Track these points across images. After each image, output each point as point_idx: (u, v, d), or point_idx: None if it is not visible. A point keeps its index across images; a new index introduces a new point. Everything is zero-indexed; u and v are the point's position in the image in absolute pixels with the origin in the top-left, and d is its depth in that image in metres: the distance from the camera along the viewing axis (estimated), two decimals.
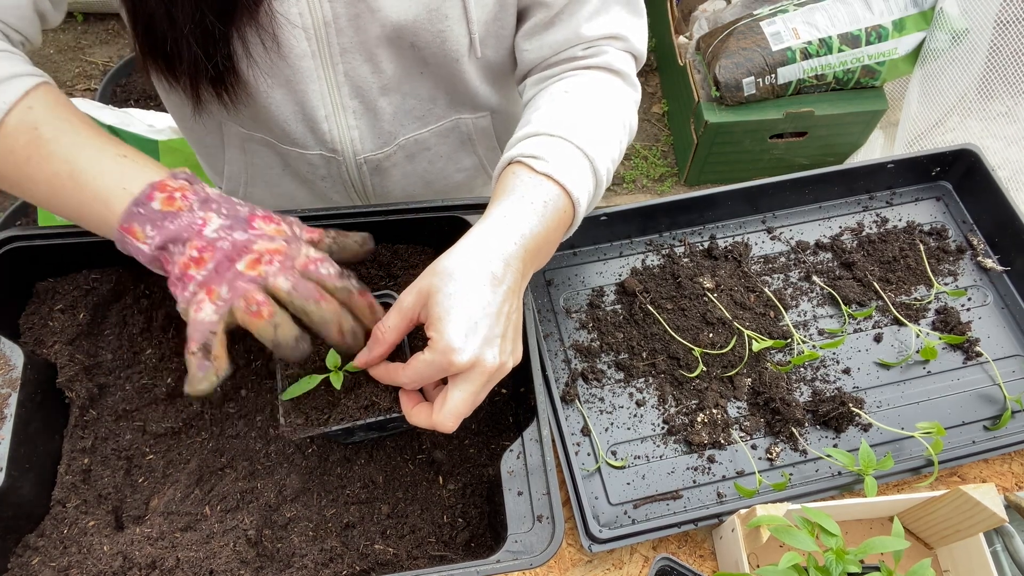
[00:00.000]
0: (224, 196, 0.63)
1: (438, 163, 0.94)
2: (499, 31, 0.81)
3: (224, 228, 0.60)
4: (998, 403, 0.90)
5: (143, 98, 2.25)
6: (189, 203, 0.60)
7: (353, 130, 0.84)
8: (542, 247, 0.67)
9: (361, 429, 0.69)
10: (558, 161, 0.69)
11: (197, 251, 0.58)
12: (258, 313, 0.57)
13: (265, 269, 0.59)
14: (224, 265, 0.58)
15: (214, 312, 0.58)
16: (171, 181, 0.61)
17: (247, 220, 0.61)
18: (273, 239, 0.61)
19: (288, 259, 0.60)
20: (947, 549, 0.80)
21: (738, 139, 2.22)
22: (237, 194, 0.98)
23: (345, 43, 0.74)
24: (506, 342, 0.62)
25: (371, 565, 0.68)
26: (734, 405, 0.89)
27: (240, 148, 0.89)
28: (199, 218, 0.60)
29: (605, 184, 0.74)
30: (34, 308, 0.75)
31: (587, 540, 0.77)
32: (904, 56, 2.10)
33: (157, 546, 0.65)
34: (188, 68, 0.69)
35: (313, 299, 0.59)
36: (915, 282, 0.98)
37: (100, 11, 2.76)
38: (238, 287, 0.58)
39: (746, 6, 2.24)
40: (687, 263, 0.98)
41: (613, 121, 0.77)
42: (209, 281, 0.58)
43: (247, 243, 0.60)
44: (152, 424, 0.73)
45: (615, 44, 0.82)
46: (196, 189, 0.62)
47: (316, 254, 0.62)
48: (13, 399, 0.65)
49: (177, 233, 0.59)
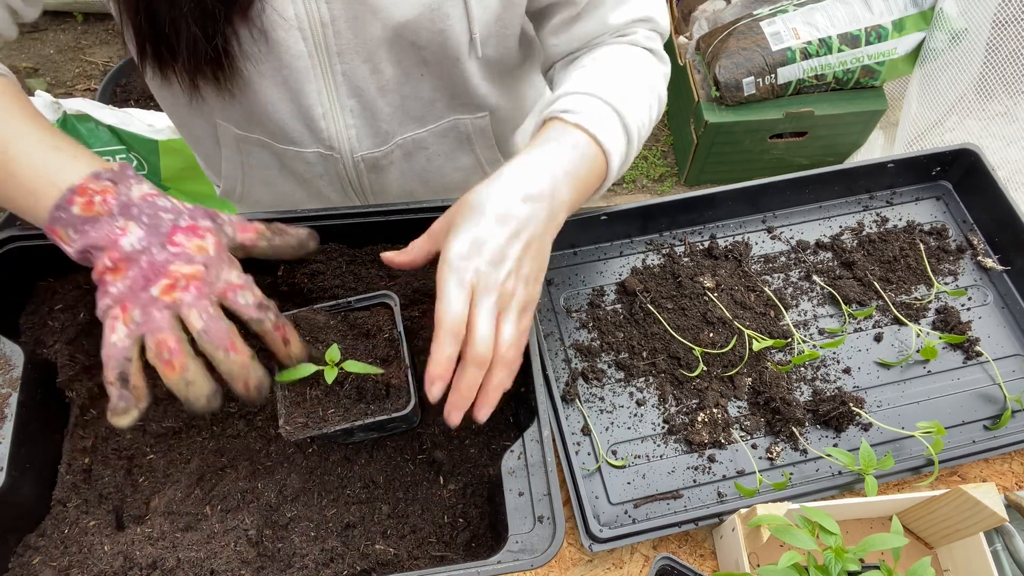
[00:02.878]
0: (150, 199, 0.61)
1: (436, 162, 0.94)
2: (501, 31, 0.81)
3: (142, 241, 0.58)
4: (998, 403, 0.90)
5: (143, 98, 2.25)
6: (109, 208, 0.59)
7: (351, 129, 0.84)
8: (575, 185, 0.68)
9: (361, 429, 0.69)
10: (588, 113, 0.70)
11: (113, 262, 0.57)
12: (170, 364, 0.56)
13: (180, 296, 0.57)
14: (139, 283, 0.57)
15: (126, 336, 0.56)
16: (92, 183, 0.59)
17: (167, 235, 0.59)
18: (192, 260, 0.58)
19: (206, 285, 0.58)
20: (947, 548, 0.80)
21: (738, 139, 2.22)
22: (235, 193, 0.98)
23: (343, 44, 0.74)
24: (520, 266, 0.62)
25: (372, 565, 0.68)
26: (734, 404, 0.89)
27: (236, 148, 0.89)
28: (118, 227, 0.58)
29: (637, 143, 0.76)
30: (34, 308, 0.75)
31: (587, 539, 0.77)
32: (904, 56, 2.10)
33: (158, 546, 0.65)
34: (186, 49, 0.68)
35: (223, 347, 0.57)
36: (915, 282, 0.98)
37: (100, 11, 2.76)
38: (151, 317, 0.56)
39: (746, 6, 2.25)
40: (687, 262, 0.98)
41: (641, 84, 0.78)
42: (124, 298, 0.57)
43: (163, 264, 0.58)
44: (152, 424, 0.73)
45: (642, 26, 0.83)
46: (119, 191, 0.60)
47: (237, 279, 0.60)
48: (13, 399, 0.65)
49: (96, 240, 0.58)
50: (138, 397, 0.56)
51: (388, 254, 0.68)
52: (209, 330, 0.57)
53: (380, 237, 0.80)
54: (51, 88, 2.61)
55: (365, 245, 0.81)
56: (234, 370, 0.58)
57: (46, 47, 2.71)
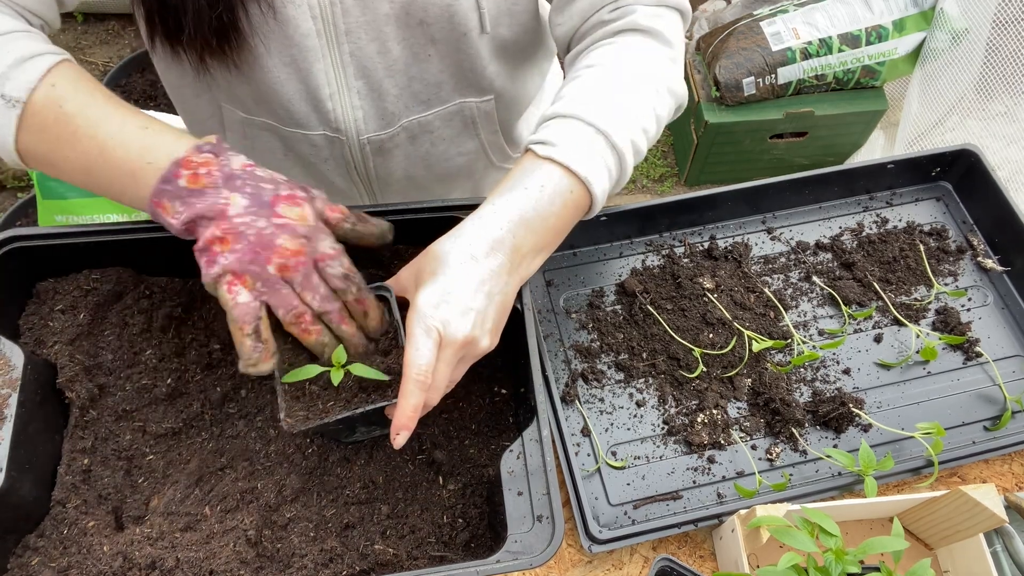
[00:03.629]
0: (251, 168, 0.65)
1: (440, 145, 0.94)
2: (512, 7, 0.82)
3: (248, 211, 0.62)
4: (998, 403, 0.90)
5: (143, 98, 2.25)
6: (214, 180, 0.62)
7: (357, 110, 0.84)
8: (539, 232, 0.68)
9: (362, 423, 0.69)
10: (565, 143, 0.69)
11: (223, 232, 0.62)
12: (308, 331, 0.65)
13: (292, 277, 0.63)
14: (248, 256, 0.61)
15: (253, 299, 0.62)
16: (195, 156, 0.63)
17: (270, 204, 0.63)
18: (296, 234, 0.63)
19: (308, 258, 0.64)
20: (947, 549, 0.80)
21: (738, 139, 2.22)
22: None
23: (351, 23, 0.75)
24: (484, 319, 0.64)
25: (371, 565, 0.68)
26: (734, 405, 0.89)
27: (241, 133, 0.90)
28: (223, 198, 0.62)
29: (632, 157, 0.74)
30: (34, 308, 0.75)
31: (587, 540, 0.77)
32: (904, 56, 2.09)
33: (157, 546, 0.65)
34: (193, 20, 0.69)
35: (335, 321, 0.66)
36: (915, 282, 0.98)
37: (100, 11, 2.76)
38: (278, 292, 0.63)
39: (746, 6, 2.24)
40: (687, 263, 0.98)
41: (640, 88, 0.75)
42: (236, 268, 0.61)
43: (271, 238, 0.62)
44: (152, 424, 0.73)
45: (643, 0, 0.80)
46: (221, 163, 0.64)
47: (330, 249, 0.66)
48: (13, 399, 0.65)
49: (203, 211, 0.62)
50: (270, 349, 0.63)
51: None
52: (325, 310, 0.65)
53: None
54: None
55: None
56: (346, 337, 0.67)
57: None
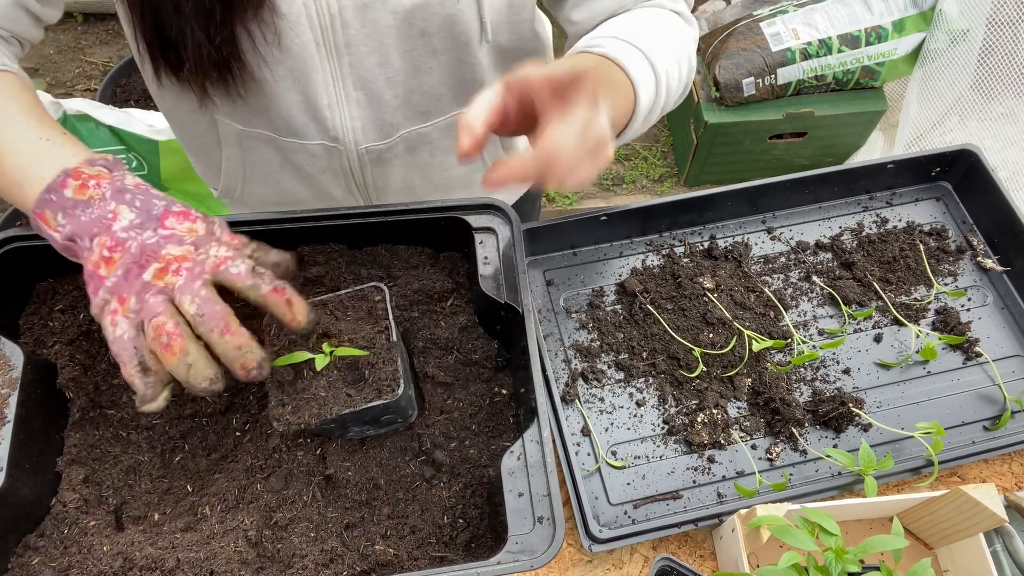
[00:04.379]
0: (144, 187, 0.61)
1: (439, 156, 0.94)
2: (513, 17, 0.82)
3: (134, 226, 0.57)
4: (998, 403, 0.90)
5: (143, 98, 2.25)
6: (102, 192, 0.59)
7: (356, 120, 0.84)
8: (607, 83, 0.68)
9: (354, 423, 0.69)
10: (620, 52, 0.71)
11: (108, 250, 0.57)
12: (169, 348, 0.55)
13: (171, 280, 0.56)
14: (132, 271, 0.56)
15: (129, 326, 0.55)
16: (87, 168, 0.60)
17: (159, 218, 0.59)
18: (182, 241, 0.58)
19: (196, 265, 0.57)
20: (947, 549, 0.80)
21: (738, 139, 2.22)
22: (234, 192, 0.98)
23: (351, 35, 0.75)
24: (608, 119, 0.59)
25: (371, 566, 0.68)
26: (734, 405, 0.89)
27: (237, 145, 0.89)
28: (110, 211, 0.58)
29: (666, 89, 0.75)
30: (34, 308, 0.75)
31: (587, 540, 0.77)
32: (904, 57, 2.10)
33: (157, 546, 0.65)
34: (193, 54, 0.69)
35: (218, 330, 0.56)
36: (915, 282, 0.98)
37: (100, 11, 2.76)
38: (146, 303, 0.55)
39: (746, 7, 2.25)
40: (687, 263, 0.98)
41: (670, 38, 0.78)
42: (119, 289, 0.56)
43: (155, 247, 0.57)
44: (152, 424, 0.73)
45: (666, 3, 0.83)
46: (114, 177, 0.60)
47: (226, 252, 0.59)
48: (13, 399, 0.65)
49: (87, 226, 0.57)
50: (161, 380, 0.57)
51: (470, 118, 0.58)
52: (203, 313, 0.55)
53: (380, 237, 0.80)
54: (51, 88, 2.61)
55: (365, 245, 0.81)
56: (229, 352, 0.56)
57: (46, 47, 2.71)
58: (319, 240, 0.78)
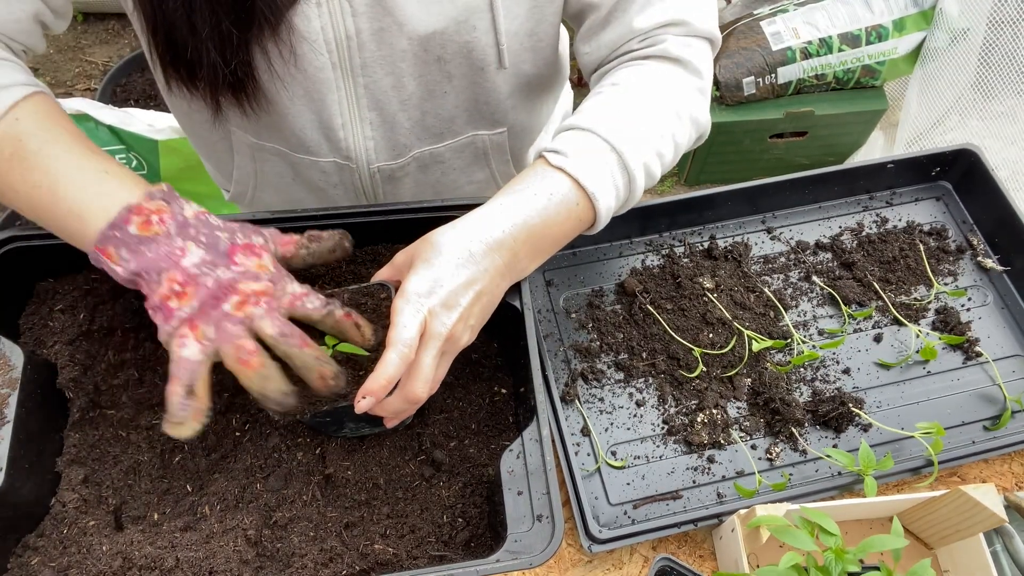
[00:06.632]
0: (203, 217, 0.63)
1: (451, 175, 0.94)
2: (535, 44, 0.81)
3: (206, 263, 0.60)
4: (998, 403, 0.90)
5: (143, 98, 2.25)
6: (166, 228, 0.60)
7: (369, 140, 0.84)
8: (539, 239, 0.68)
9: (350, 418, 0.69)
10: (578, 155, 0.69)
11: (179, 285, 0.59)
12: (247, 363, 0.58)
13: (252, 311, 0.59)
14: (209, 303, 0.59)
15: (200, 352, 0.58)
16: (148, 203, 0.61)
17: (228, 254, 0.61)
18: (258, 278, 0.61)
19: (274, 299, 0.61)
20: (947, 549, 0.80)
21: (738, 139, 2.22)
22: (245, 197, 0.99)
23: (367, 57, 0.75)
24: (468, 316, 0.64)
25: (371, 565, 0.68)
26: (734, 405, 0.89)
27: (250, 156, 0.90)
28: (177, 248, 0.60)
29: (643, 179, 0.73)
30: (34, 308, 0.75)
31: (587, 540, 0.77)
32: (904, 56, 2.09)
33: (156, 546, 0.65)
34: (208, 74, 0.69)
35: (297, 345, 0.60)
36: (915, 282, 0.98)
37: (100, 11, 2.76)
38: (226, 330, 0.58)
39: (746, 6, 2.24)
40: (687, 263, 0.98)
41: (661, 111, 0.74)
42: (194, 318, 0.58)
43: (232, 282, 0.60)
44: (152, 424, 0.73)
45: (673, 31, 0.78)
46: (174, 210, 0.61)
47: (299, 289, 0.64)
48: (13, 399, 0.65)
49: (154, 262, 0.59)
50: (198, 410, 0.58)
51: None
52: (284, 332, 0.60)
53: (380, 237, 0.80)
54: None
55: (365, 245, 0.81)
56: (309, 362, 0.60)
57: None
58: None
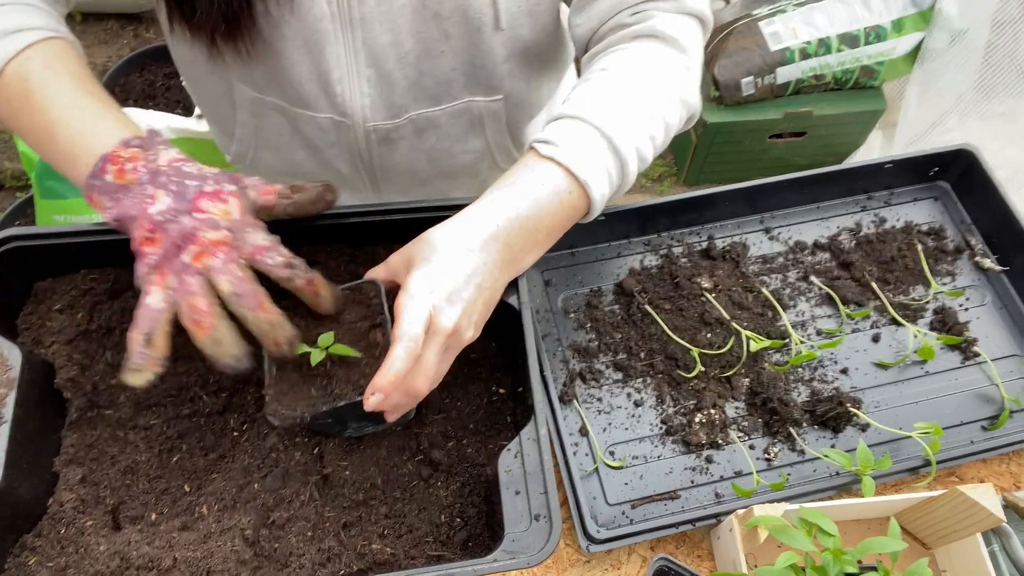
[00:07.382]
0: (176, 165, 0.64)
1: (445, 142, 0.94)
2: (533, 8, 0.81)
3: (171, 210, 0.61)
4: (996, 403, 0.90)
5: (143, 98, 2.25)
6: (138, 176, 0.62)
7: (365, 97, 0.84)
8: (534, 230, 0.69)
9: (352, 418, 0.69)
10: (568, 144, 0.69)
11: (148, 231, 0.61)
12: (199, 323, 0.59)
13: (209, 263, 0.60)
14: (172, 252, 0.60)
15: (162, 300, 0.59)
16: (122, 151, 0.63)
17: (192, 201, 0.62)
18: (217, 226, 0.61)
19: (233, 250, 0.61)
20: (945, 549, 0.80)
21: (737, 139, 2.22)
22: (246, 158, 1.00)
23: (366, 11, 0.75)
24: (472, 311, 0.64)
25: (369, 565, 0.68)
26: (732, 405, 0.89)
27: (250, 112, 0.90)
28: (148, 196, 0.61)
29: (636, 164, 0.73)
30: (32, 308, 0.75)
31: (585, 540, 0.77)
32: (903, 56, 2.10)
33: (154, 546, 0.65)
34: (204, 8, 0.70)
35: (251, 307, 0.60)
36: (913, 282, 0.98)
37: (100, 11, 2.76)
38: (185, 284, 0.59)
39: (745, 6, 2.24)
40: (685, 263, 0.98)
41: (650, 93, 0.75)
42: (161, 265, 0.60)
43: (193, 231, 0.60)
44: (150, 424, 0.73)
45: (663, 6, 0.79)
46: (148, 157, 0.63)
47: (264, 241, 0.63)
48: (11, 399, 0.65)
49: (128, 210, 0.61)
50: (155, 359, 0.59)
51: None
52: (238, 291, 0.60)
53: (380, 237, 0.80)
54: None
55: (365, 245, 0.81)
56: (263, 327, 0.61)
57: None
58: (319, 239, 0.78)
